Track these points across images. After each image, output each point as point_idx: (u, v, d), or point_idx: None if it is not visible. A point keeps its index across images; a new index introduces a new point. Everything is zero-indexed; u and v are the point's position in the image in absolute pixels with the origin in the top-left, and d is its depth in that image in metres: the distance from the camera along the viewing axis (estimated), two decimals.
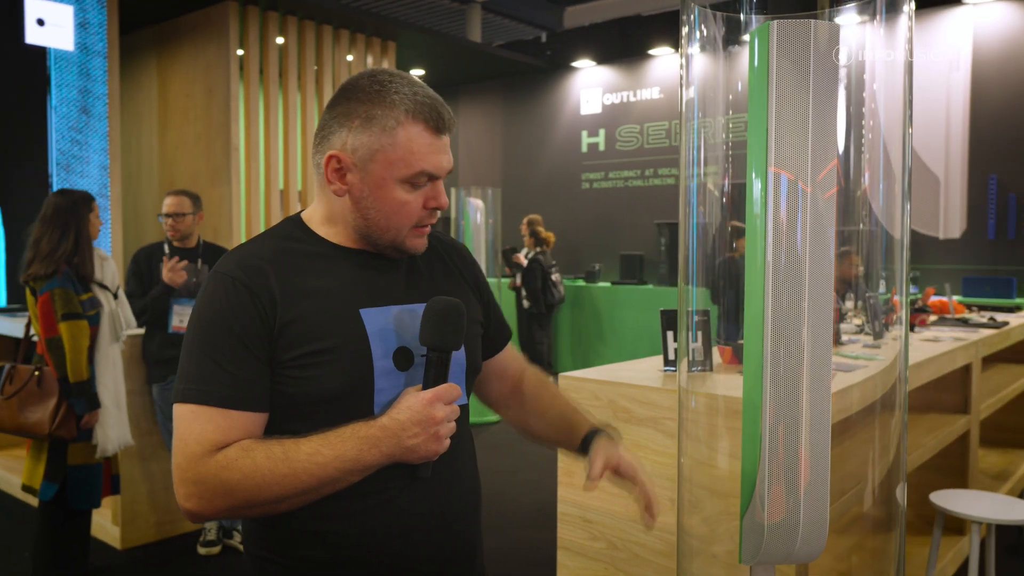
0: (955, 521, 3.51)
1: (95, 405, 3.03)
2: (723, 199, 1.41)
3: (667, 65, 9.74)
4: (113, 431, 3.10)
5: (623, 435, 2.39)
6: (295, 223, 1.21)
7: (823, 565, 2.07)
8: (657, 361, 2.63)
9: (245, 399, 1.07)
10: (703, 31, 1.34)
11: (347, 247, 1.19)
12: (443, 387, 1.10)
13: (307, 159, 7.77)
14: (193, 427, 1.05)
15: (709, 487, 1.61)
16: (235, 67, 7.07)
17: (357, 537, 1.13)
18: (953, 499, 2.74)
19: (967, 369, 3.51)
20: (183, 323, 3.56)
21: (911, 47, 1.32)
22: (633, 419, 2.27)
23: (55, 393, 2.98)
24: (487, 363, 1.40)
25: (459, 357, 1.21)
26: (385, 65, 8.41)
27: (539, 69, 10.79)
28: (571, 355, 8.67)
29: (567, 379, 2.44)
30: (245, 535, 1.21)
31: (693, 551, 1.67)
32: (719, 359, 2.35)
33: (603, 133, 10.33)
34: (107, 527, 3.84)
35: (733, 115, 1.40)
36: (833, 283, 1.28)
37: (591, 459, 1.34)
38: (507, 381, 1.47)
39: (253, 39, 7.23)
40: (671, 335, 2.57)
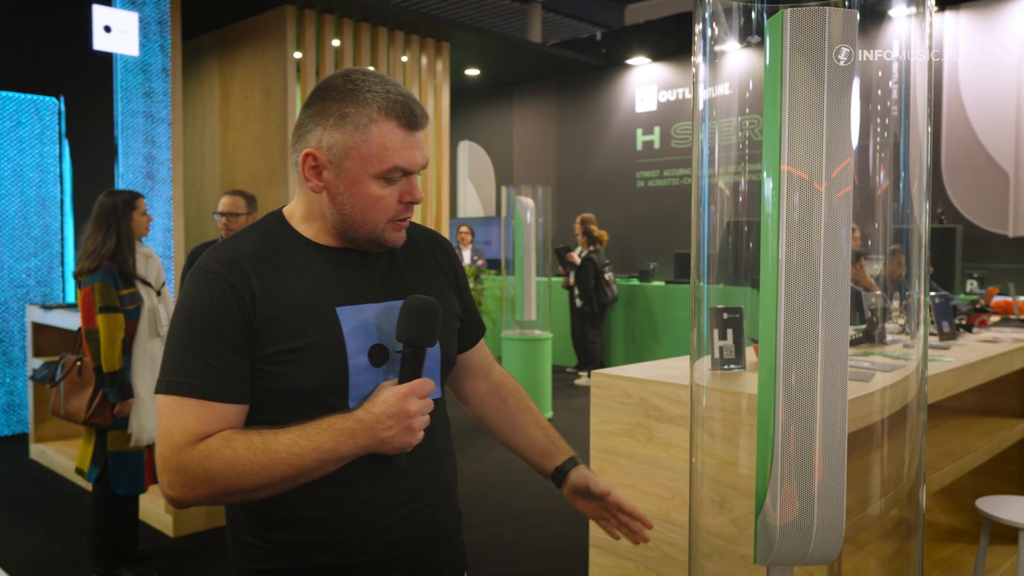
0: (1009, 529, 3.39)
1: (127, 395, 3.17)
2: (739, 198, 1.39)
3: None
4: (149, 422, 3.23)
5: (654, 434, 2.38)
6: (277, 220, 1.25)
7: (856, 568, 2.03)
8: (697, 361, 2.60)
9: (226, 392, 1.12)
10: (714, 29, 1.32)
11: (326, 245, 1.22)
12: (417, 382, 1.14)
13: None
14: (176, 418, 1.10)
15: (738, 487, 1.60)
16: (292, 69, 7.23)
17: (330, 523, 1.17)
18: (1002, 505, 2.65)
19: None
20: None
21: (931, 42, 1.29)
22: (664, 417, 2.25)
23: (92, 382, 3.19)
24: (460, 357, 1.44)
25: (434, 352, 1.25)
26: (439, 66, 8.50)
27: (594, 67, 10.75)
28: (624, 355, 8.62)
29: (600, 376, 2.43)
30: (227, 519, 1.26)
31: (718, 551, 1.66)
32: (754, 357, 2.32)
33: (658, 131, 10.23)
34: (160, 515, 3.98)
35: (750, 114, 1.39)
36: (848, 281, 1.26)
37: (588, 482, 1.40)
38: (479, 377, 1.50)
39: (310, 42, 7.39)
40: (716, 333, 2.55)
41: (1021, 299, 4.84)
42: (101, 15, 6.08)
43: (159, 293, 3.37)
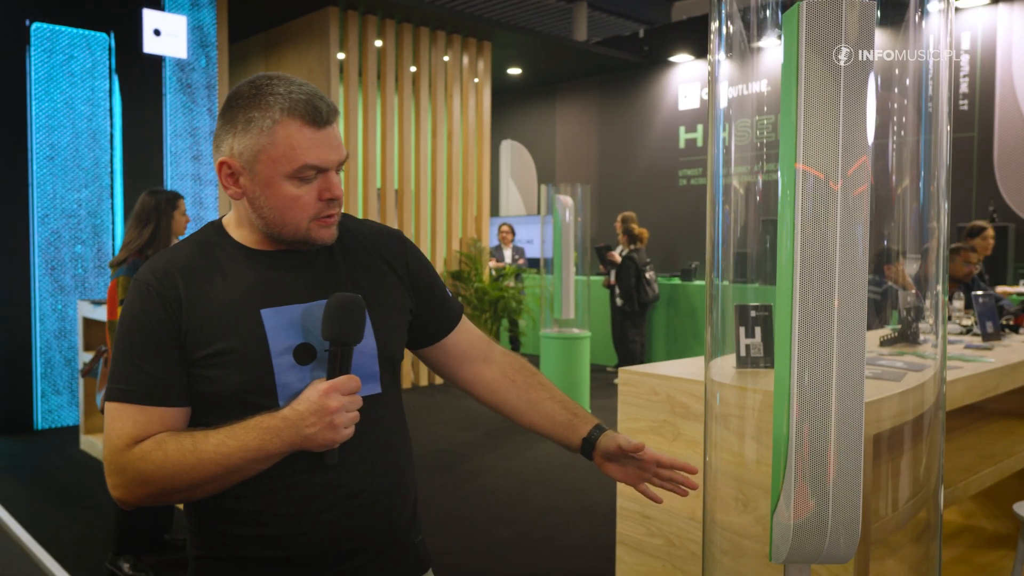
0: None
1: None
2: (756, 196, 1.39)
3: (771, 58, 9.47)
4: None
5: (680, 431, 2.38)
6: (215, 228, 1.30)
7: (885, 571, 2.01)
8: (721, 358, 2.59)
9: (160, 396, 1.17)
10: (729, 28, 1.33)
11: (260, 249, 1.26)
12: (340, 379, 1.16)
13: (404, 159, 7.99)
14: (115, 423, 1.17)
15: (758, 484, 1.59)
16: (335, 70, 7.34)
17: (268, 515, 1.21)
18: None
19: None
20: None
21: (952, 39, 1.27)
22: (691, 415, 2.25)
23: None
24: (441, 345, 1.44)
25: (368, 348, 1.26)
26: (481, 66, 8.54)
27: (636, 65, 10.69)
28: (665, 354, 8.56)
29: (627, 373, 2.44)
30: (184, 512, 1.31)
31: (738, 549, 1.66)
32: None
33: (701, 129, 10.14)
34: None
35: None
36: (865, 279, 1.25)
37: (619, 441, 1.37)
38: (478, 363, 1.48)
39: (353, 43, 7.49)
40: (743, 331, 2.54)
41: None
42: (151, 19, 6.26)
43: None
